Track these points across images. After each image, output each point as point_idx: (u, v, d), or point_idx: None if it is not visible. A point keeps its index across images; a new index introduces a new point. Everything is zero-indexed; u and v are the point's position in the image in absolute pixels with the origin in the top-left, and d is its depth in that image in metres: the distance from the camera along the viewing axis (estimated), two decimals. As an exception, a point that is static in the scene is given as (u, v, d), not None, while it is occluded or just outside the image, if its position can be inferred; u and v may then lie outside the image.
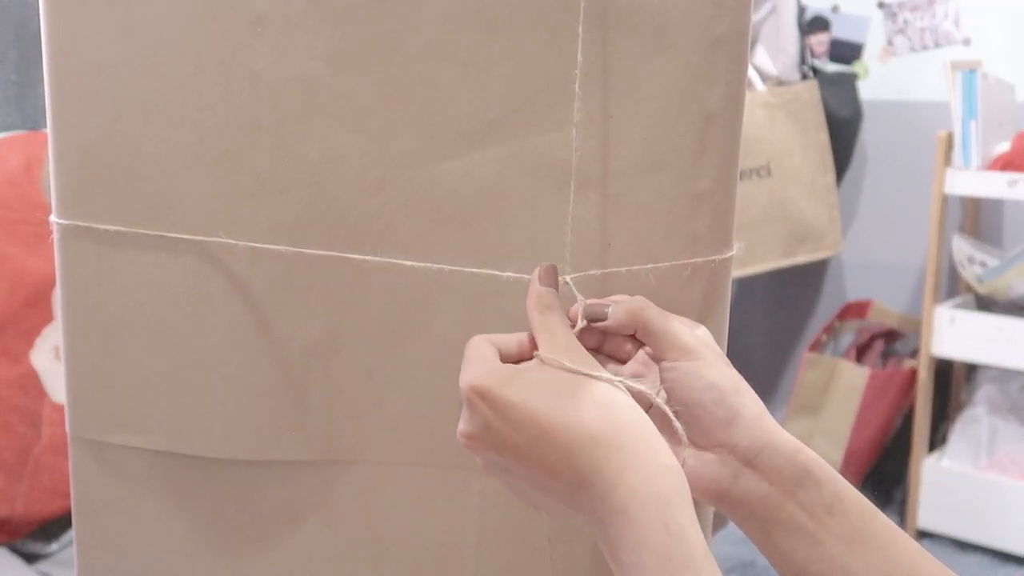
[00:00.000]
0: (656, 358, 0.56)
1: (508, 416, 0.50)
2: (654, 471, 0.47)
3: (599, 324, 0.57)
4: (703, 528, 0.65)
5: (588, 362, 0.52)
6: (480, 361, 0.53)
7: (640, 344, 0.58)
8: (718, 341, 0.62)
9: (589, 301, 0.58)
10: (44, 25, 0.63)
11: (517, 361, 0.55)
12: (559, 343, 0.53)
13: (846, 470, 2.30)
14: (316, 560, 0.68)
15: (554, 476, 0.49)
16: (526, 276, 0.60)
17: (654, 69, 0.59)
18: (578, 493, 0.49)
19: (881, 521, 0.54)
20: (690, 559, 0.45)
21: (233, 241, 0.63)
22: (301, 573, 0.68)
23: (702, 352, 0.55)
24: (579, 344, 0.54)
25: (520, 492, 0.53)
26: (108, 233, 0.64)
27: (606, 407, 0.50)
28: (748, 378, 0.57)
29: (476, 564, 0.67)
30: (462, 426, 0.53)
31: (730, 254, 0.62)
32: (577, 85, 0.59)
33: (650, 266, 0.61)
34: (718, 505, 0.55)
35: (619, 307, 0.57)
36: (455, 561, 0.67)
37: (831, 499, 0.53)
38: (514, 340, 0.56)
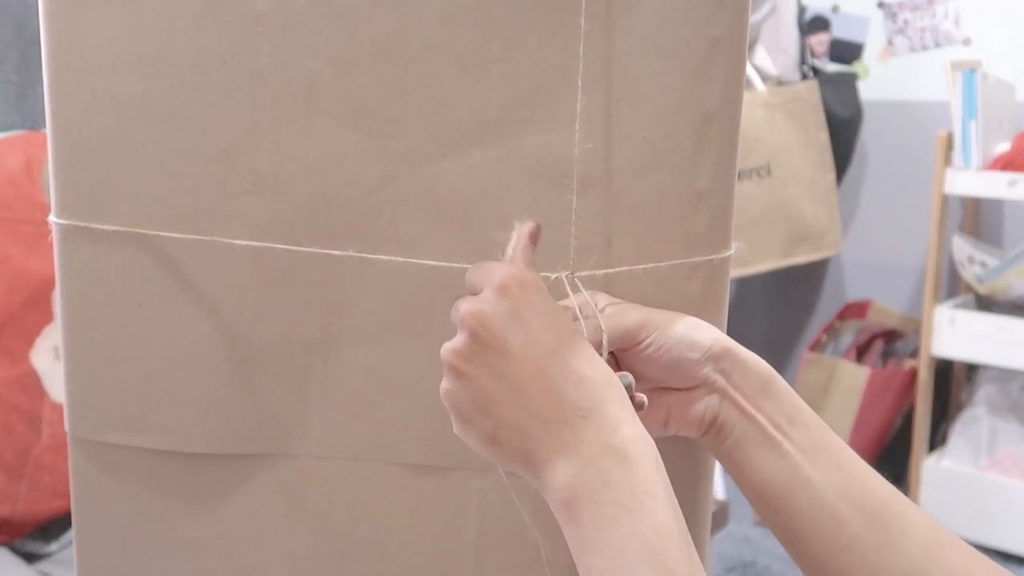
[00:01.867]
0: (627, 348, 0.59)
1: (538, 314, 0.51)
2: (643, 433, 0.51)
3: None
4: (702, 528, 0.65)
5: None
6: (524, 259, 0.55)
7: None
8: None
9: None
10: (44, 25, 0.63)
11: None
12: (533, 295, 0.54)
13: (846, 470, 2.30)
14: (316, 559, 0.68)
15: (557, 393, 0.50)
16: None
17: (653, 68, 0.59)
18: (581, 421, 0.49)
19: (832, 435, 0.58)
20: (675, 505, 0.48)
21: (233, 240, 0.63)
22: (301, 572, 0.68)
23: (653, 316, 0.58)
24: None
25: (482, 403, 0.51)
26: (107, 233, 0.64)
27: (604, 365, 0.52)
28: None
29: (475, 563, 0.67)
30: (477, 303, 0.51)
31: (728, 253, 0.62)
32: (580, 82, 0.59)
33: (650, 265, 0.61)
34: (704, 436, 0.59)
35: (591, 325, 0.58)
36: (454, 561, 0.67)
37: (791, 410, 0.57)
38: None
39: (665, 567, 0.46)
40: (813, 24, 2.63)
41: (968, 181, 2.18)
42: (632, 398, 0.53)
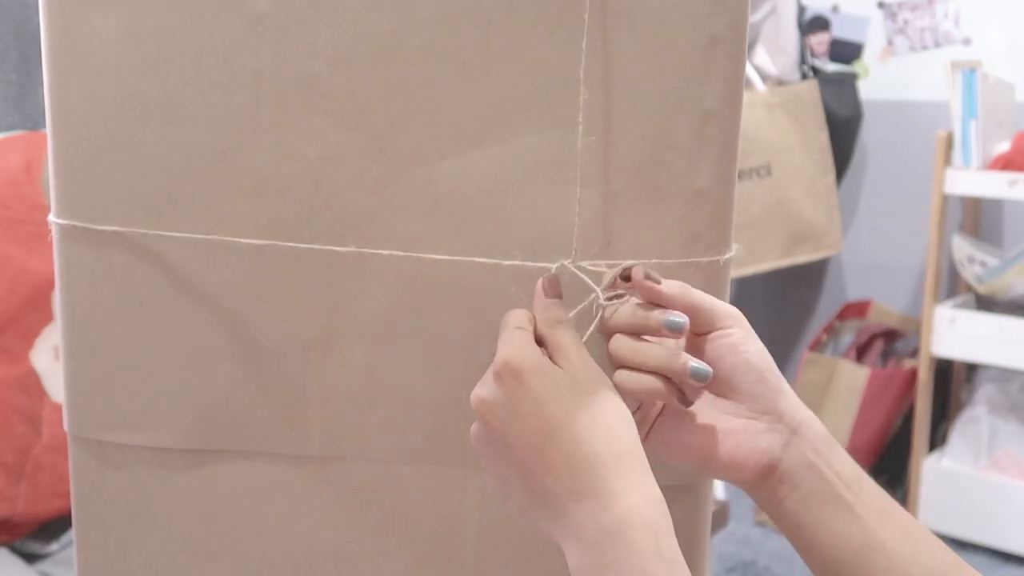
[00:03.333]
0: (701, 332, 0.57)
1: (531, 401, 0.50)
2: (646, 499, 0.48)
3: (652, 287, 0.56)
4: (701, 530, 0.65)
5: (601, 378, 0.53)
6: (520, 339, 0.53)
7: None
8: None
9: (636, 264, 0.57)
10: (44, 25, 0.63)
11: (539, 342, 0.55)
12: (573, 363, 0.53)
13: (846, 470, 2.30)
14: (316, 558, 0.68)
15: (554, 477, 0.50)
16: (528, 263, 0.60)
17: (652, 67, 0.59)
18: (572, 502, 0.49)
19: (892, 501, 0.55)
20: None
21: (233, 239, 0.63)
22: (301, 571, 0.68)
23: (745, 321, 0.57)
24: (591, 360, 0.53)
25: (503, 482, 0.53)
26: (107, 232, 0.64)
27: (614, 427, 0.50)
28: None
29: (476, 563, 0.67)
30: (483, 391, 0.52)
31: (729, 255, 0.62)
32: (581, 82, 0.59)
33: (653, 261, 0.61)
34: (763, 482, 0.55)
35: (671, 282, 0.57)
36: (455, 560, 0.67)
37: (856, 470, 0.54)
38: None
39: None
40: (813, 24, 2.63)
41: (968, 181, 2.18)
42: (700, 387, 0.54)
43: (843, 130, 2.46)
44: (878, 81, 2.62)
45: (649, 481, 0.49)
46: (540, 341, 0.54)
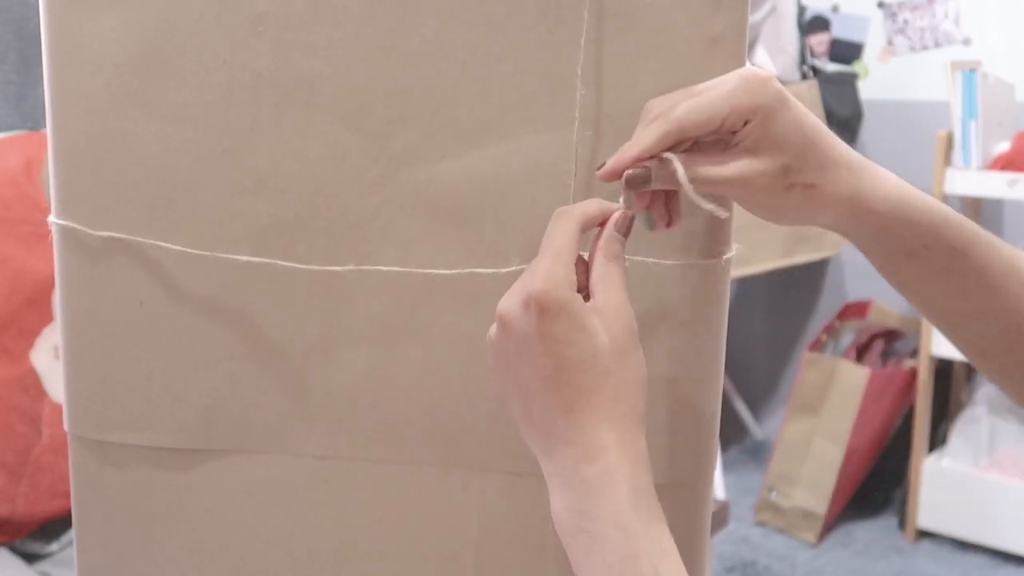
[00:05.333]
0: (727, 132, 0.55)
1: (550, 340, 0.49)
2: (632, 458, 0.49)
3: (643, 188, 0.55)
4: (701, 530, 0.65)
5: (631, 332, 0.51)
6: (560, 272, 0.51)
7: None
8: (717, 340, 0.62)
9: (628, 172, 0.54)
10: (44, 25, 0.63)
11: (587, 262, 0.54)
12: (612, 303, 0.51)
13: (846, 470, 2.30)
14: (316, 558, 0.68)
15: (549, 415, 0.50)
16: (528, 256, 0.60)
17: (651, 67, 0.59)
18: (561, 445, 0.50)
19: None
20: (653, 540, 0.47)
21: (233, 239, 0.63)
22: (301, 571, 0.68)
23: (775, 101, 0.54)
24: (628, 308, 0.52)
25: (505, 389, 0.53)
26: (108, 232, 0.64)
27: (620, 386, 0.50)
28: (748, 378, 0.58)
29: (476, 563, 0.67)
30: (510, 307, 0.51)
31: (729, 255, 0.62)
32: (579, 80, 0.59)
33: (651, 261, 0.61)
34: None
35: (647, 137, 0.53)
36: (455, 560, 0.67)
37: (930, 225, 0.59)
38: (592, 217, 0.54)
39: None
40: (813, 24, 2.63)
41: (968, 181, 2.18)
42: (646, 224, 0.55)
43: (843, 130, 2.46)
44: (878, 81, 2.62)
45: (640, 442, 0.50)
46: (588, 262, 0.53)
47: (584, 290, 0.53)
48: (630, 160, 0.54)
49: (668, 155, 0.53)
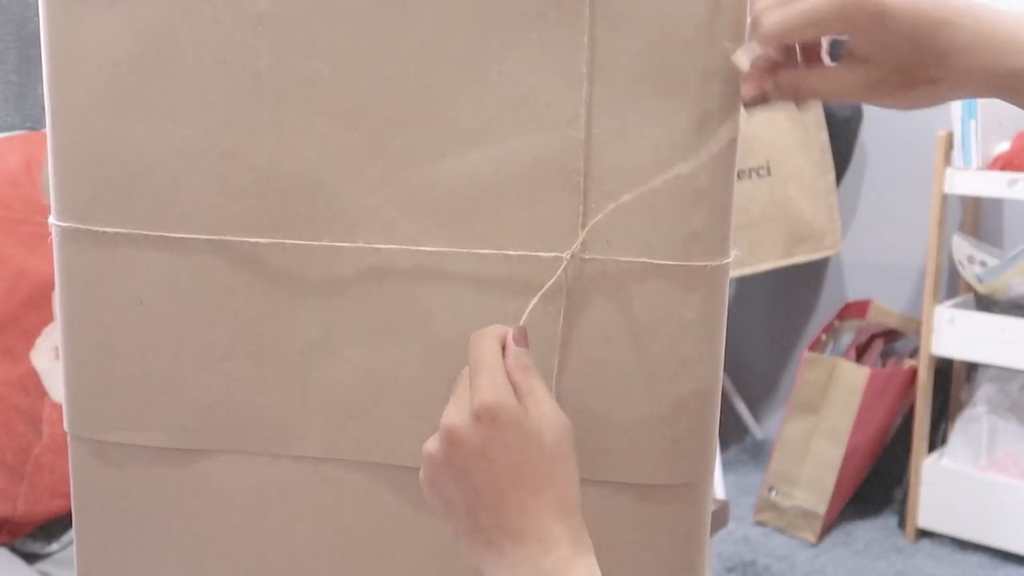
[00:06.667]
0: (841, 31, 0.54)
1: (503, 448, 0.53)
2: (573, 541, 0.52)
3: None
4: (701, 530, 0.65)
5: (565, 431, 0.55)
6: (501, 383, 0.54)
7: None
8: (716, 341, 0.62)
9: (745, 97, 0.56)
10: (44, 25, 0.63)
11: None
12: (543, 411, 0.54)
13: (846, 470, 2.30)
14: (316, 559, 0.68)
15: (503, 518, 0.53)
16: (530, 253, 0.61)
17: (651, 67, 0.59)
18: (515, 546, 0.52)
19: None
20: None
21: (233, 238, 0.63)
22: (301, 571, 0.68)
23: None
24: (559, 410, 0.55)
25: (448, 504, 0.55)
26: (107, 233, 0.64)
27: (567, 486, 0.54)
28: (748, 378, 0.58)
29: (476, 563, 0.66)
30: (458, 420, 0.54)
31: (727, 260, 0.62)
32: (583, 80, 0.59)
33: (651, 261, 0.61)
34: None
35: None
36: (455, 561, 0.67)
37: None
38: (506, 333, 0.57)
39: None
40: (813, 24, 2.63)
41: (968, 181, 2.18)
42: None
43: (843, 130, 2.46)
44: (878, 81, 2.61)
45: (584, 533, 0.53)
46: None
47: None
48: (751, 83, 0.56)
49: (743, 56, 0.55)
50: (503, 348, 0.57)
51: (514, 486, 0.53)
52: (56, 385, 1.40)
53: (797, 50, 0.57)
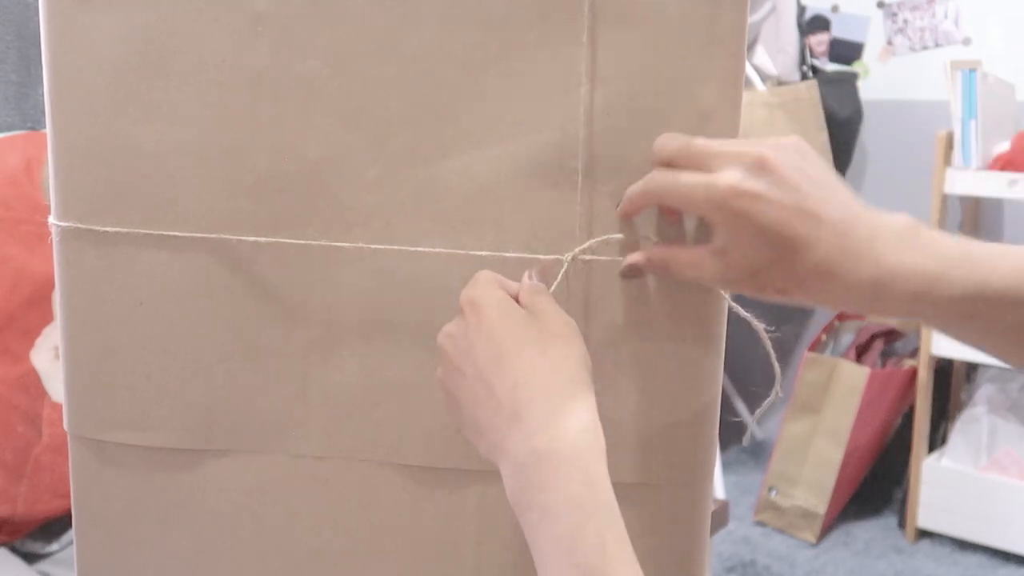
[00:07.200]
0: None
1: (487, 331, 0.53)
2: (578, 427, 0.50)
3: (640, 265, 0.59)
4: (701, 529, 0.65)
5: (568, 321, 0.55)
6: (486, 280, 0.56)
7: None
8: (717, 341, 0.62)
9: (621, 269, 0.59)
10: (44, 25, 0.63)
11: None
12: (545, 311, 0.55)
13: (846, 470, 2.30)
14: (315, 559, 0.68)
15: (497, 402, 0.52)
16: (527, 255, 0.61)
17: (651, 67, 0.59)
18: (510, 425, 0.51)
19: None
20: (600, 506, 0.48)
21: (233, 239, 0.63)
22: (301, 571, 0.68)
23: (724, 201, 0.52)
24: (563, 312, 0.55)
25: (457, 408, 0.55)
26: (107, 233, 0.64)
27: (560, 361, 0.52)
28: (748, 378, 0.57)
29: (475, 564, 0.67)
30: (448, 326, 0.56)
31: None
32: (582, 81, 0.59)
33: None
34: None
35: (629, 200, 0.57)
36: (455, 561, 0.67)
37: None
38: (515, 287, 0.58)
39: (580, 567, 0.46)
40: (813, 24, 2.63)
41: (968, 181, 2.18)
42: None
43: (843, 130, 2.46)
44: (878, 81, 2.62)
45: (585, 413, 0.51)
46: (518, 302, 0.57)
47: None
48: (623, 214, 0.59)
49: (642, 259, 0.58)
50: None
51: (503, 365, 0.52)
52: (56, 385, 1.40)
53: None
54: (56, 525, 1.41)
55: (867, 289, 0.51)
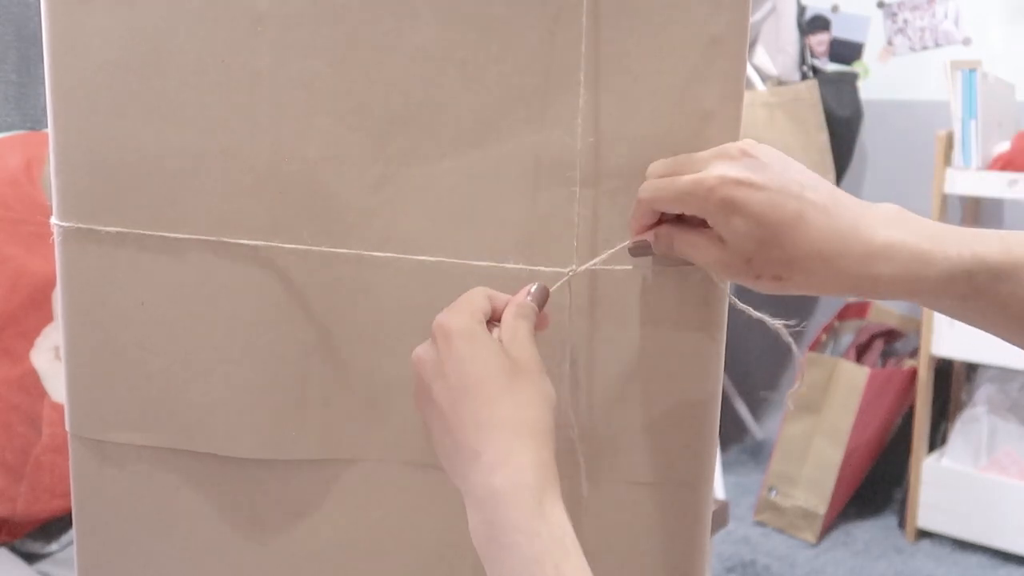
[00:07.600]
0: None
1: (455, 361, 0.53)
2: (534, 463, 0.51)
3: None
4: (701, 529, 0.65)
5: (535, 360, 0.55)
6: (461, 307, 0.56)
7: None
8: (717, 341, 0.62)
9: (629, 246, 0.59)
10: (44, 25, 0.63)
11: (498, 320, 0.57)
12: (518, 344, 0.55)
13: (846, 470, 2.30)
14: (316, 559, 0.68)
15: (462, 435, 0.52)
16: (527, 267, 0.60)
17: (651, 68, 0.59)
18: (470, 464, 0.52)
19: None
20: (555, 541, 0.49)
21: (233, 239, 0.63)
22: (301, 572, 0.68)
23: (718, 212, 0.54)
24: (534, 349, 0.55)
25: (431, 432, 0.56)
26: (108, 233, 0.64)
27: (525, 399, 0.53)
28: (748, 378, 0.57)
29: (476, 564, 0.66)
30: (419, 349, 0.56)
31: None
32: (581, 83, 0.59)
33: (651, 264, 0.61)
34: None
35: (633, 219, 0.58)
36: (455, 561, 0.67)
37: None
38: (503, 301, 0.58)
39: None
40: (813, 24, 2.63)
41: (968, 181, 2.18)
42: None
43: (843, 130, 2.46)
44: (878, 81, 2.62)
45: (543, 451, 0.51)
46: (498, 320, 0.57)
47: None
48: (634, 232, 0.60)
49: (651, 236, 0.58)
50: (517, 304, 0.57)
51: (468, 398, 0.52)
52: (56, 385, 1.40)
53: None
54: (56, 525, 1.41)
55: (860, 268, 0.52)
